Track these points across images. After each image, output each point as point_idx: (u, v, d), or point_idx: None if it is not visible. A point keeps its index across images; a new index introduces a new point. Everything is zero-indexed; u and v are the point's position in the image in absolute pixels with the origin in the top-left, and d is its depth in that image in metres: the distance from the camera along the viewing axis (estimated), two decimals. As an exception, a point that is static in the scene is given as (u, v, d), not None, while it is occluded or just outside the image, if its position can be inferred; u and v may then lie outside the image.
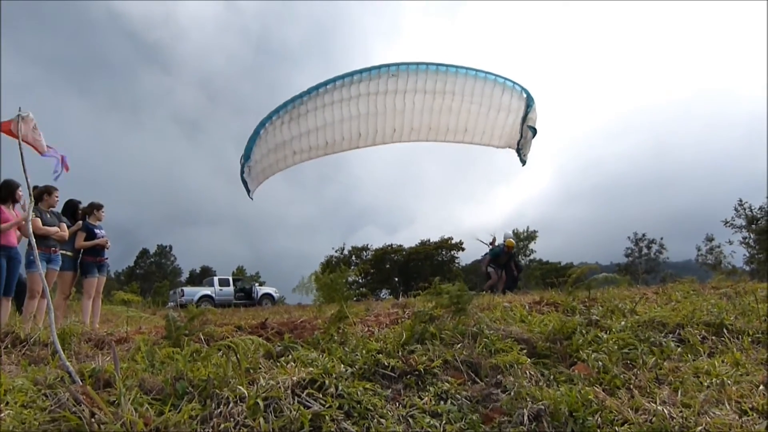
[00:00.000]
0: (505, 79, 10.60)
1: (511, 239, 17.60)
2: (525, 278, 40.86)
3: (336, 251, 50.83)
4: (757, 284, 9.58)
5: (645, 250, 51.03)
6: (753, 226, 34.10)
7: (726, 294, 8.19)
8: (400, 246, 49.36)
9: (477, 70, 10.30)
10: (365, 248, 51.13)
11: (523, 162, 11.16)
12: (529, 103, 10.89)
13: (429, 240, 49.44)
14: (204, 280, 40.47)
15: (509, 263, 17.21)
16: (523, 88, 10.80)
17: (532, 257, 49.23)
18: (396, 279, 48.64)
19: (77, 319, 8.72)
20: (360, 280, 47.03)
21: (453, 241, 48.87)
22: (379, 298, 34.07)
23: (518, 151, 10.98)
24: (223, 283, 34.45)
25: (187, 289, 34.04)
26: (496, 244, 17.48)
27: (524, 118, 10.78)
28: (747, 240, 34.43)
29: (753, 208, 34.60)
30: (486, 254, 17.51)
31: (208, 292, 33.14)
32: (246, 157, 9.71)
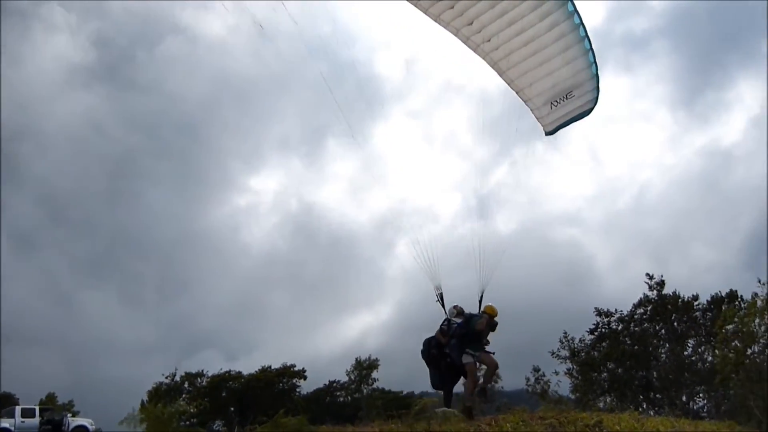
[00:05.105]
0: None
1: (491, 305, 12.54)
2: (366, 408, 40.25)
3: (167, 377, 47.00)
4: (578, 413, 10.23)
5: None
6: (575, 357, 36.90)
7: (551, 424, 8.63)
8: (239, 373, 46.87)
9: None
10: (200, 374, 47.87)
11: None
12: (589, 108, 10.78)
13: (270, 366, 47.58)
14: (3, 410, 35.43)
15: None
16: (596, 87, 10.61)
17: (374, 386, 48.89)
18: (232, 409, 45.66)
19: None
20: (192, 410, 43.52)
21: (295, 369, 47.44)
22: (212, 430, 31.70)
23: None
24: (27, 413, 30.64)
25: (-22, 423, 29.54)
26: (466, 312, 12.61)
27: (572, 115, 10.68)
28: (571, 371, 37.01)
29: (575, 340, 37.61)
30: (452, 334, 12.08)
31: (6, 425, 29.13)
32: None
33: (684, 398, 33.40)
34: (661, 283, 35.44)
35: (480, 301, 12.52)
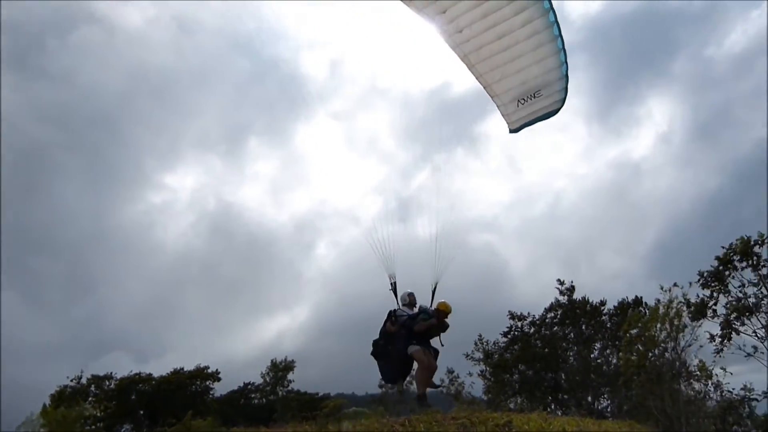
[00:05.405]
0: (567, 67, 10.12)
1: (445, 301, 11.57)
2: (281, 410, 39.70)
3: (72, 380, 44.68)
4: (489, 414, 10.47)
5: (397, 381, 52.90)
6: (489, 359, 37.85)
7: (463, 424, 8.79)
8: (150, 375, 45.18)
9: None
10: (108, 377, 45.80)
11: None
12: (556, 108, 10.61)
13: (182, 368, 46.16)
14: None
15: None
16: (565, 88, 10.35)
17: (289, 388, 48.31)
18: (141, 412, 43.94)
19: None
20: (98, 414, 41.58)
21: (209, 371, 46.26)
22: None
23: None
24: None
25: None
26: (421, 305, 11.85)
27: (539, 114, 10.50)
28: (484, 373, 37.92)
29: (489, 342, 38.55)
30: (402, 324, 11.39)
31: None
32: None
33: (590, 399, 34.93)
34: (572, 289, 36.91)
35: (433, 293, 11.72)
